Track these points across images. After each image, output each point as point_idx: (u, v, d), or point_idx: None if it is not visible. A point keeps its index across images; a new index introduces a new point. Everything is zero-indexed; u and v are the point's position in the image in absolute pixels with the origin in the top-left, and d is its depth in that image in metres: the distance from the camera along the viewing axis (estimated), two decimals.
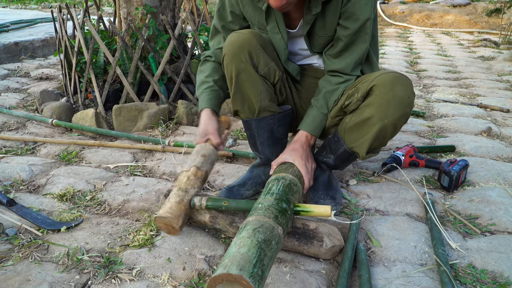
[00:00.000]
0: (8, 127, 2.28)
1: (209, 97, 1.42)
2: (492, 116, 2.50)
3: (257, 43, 1.32)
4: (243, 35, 1.32)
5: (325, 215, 1.14)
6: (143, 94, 2.44)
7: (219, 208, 1.23)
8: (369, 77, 1.30)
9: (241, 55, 1.31)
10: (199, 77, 1.48)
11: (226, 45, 1.33)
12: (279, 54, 1.42)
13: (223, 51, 1.34)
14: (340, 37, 1.33)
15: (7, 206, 1.44)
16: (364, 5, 1.27)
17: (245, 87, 1.35)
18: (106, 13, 7.58)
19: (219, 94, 1.44)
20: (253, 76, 1.34)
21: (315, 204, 1.18)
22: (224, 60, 1.35)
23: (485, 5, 7.19)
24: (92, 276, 1.13)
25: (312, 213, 1.15)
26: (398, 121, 1.27)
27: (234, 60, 1.31)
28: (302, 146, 1.38)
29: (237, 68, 1.32)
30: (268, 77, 1.38)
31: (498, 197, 1.51)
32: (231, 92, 1.39)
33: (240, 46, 1.31)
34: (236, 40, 1.31)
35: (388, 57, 4.41)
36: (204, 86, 1.44)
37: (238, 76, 1.33)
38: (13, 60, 4.04)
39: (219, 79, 1.45)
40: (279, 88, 1.43)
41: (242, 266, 0.83)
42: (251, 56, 1.32)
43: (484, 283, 1.11)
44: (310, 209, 1.16)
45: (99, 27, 2.65)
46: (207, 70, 1.46)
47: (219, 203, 1.22)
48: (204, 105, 1.41)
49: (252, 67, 1.33)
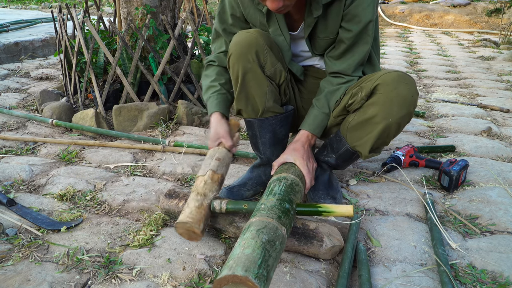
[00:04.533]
0: (8, 127, 2.28)
1: (218, 101, 1.41)
2: (492, 116, 2.50)
3: (265, 43, 1.31)
4: (250, 34, 1.31)
5: (348, 215, 1.14)
6: (143, 94, 2.44)
7: (239, 211, 1.22)
8: (373, 76, 1.30)
9: (248, 55, 1.30)
10: (204, 82, 1.48)
11: (233, 44, 1.32)
12: (283, 55, 1.42)
13: (230, 50, 1.33)
14: (342, 39, 1.33)
15: (7, 206, 1.44)
16: (366, 7, 1.27)
17: (250, 87, 1.35)
18: (106, 13, 7.57)
19: (227, 97, 1.44)
20: (259, 76, 1.33)
21: (337, 205, 1.18)
22: (230, 59, 1.33)
23: (485, 5, 7.19)
24: (92, 276, 1.13)
25: (334, 213, 1.15)
26: (402, 119, 1.27)
27: (241, 60, 1.30)
28: (303, 146, 1.38)
29: (244, 68, 1.31)
30: (274, 78, 1.37)
31: (498, 197, 1.51)
32: (236, 91, 1.38)
33: (248, 45, 1.29)
34: (244, 40, 1.30)
35: (388, 57, 4.41)
36: (212, 91, 1.43)
37: (245, 76, 1.32)
38: (13, 60, 4.04)
39: (225, 82, 1.45)
40: (284, 89, 1.43)
41: (247, 267, 0.83)
42: (258, 56, 1.31)
43: (484, 283, 1.11)
44: (332, 209, 1.15)
45: (99, 27, 2.65)
46: (213, 75, 1.46)
47: (239, 206, 1.21)
48: (213, 109, 1.40)
49: (259, 68, 1.32)
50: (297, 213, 1.17)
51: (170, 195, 1.37)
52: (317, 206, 1.17)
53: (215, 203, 1.22)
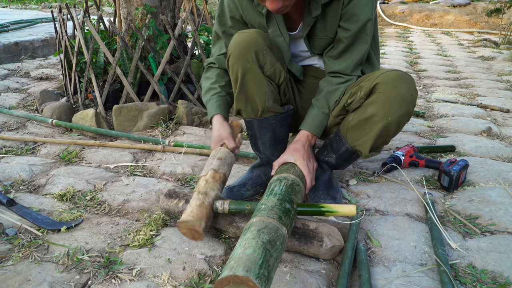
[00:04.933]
0: (8, 127, 2.28)
1: (218, 103, 1.41)
2: (492, 116, 2.50)
3: (264, 43, 1.31)
4: (250, 34, 1.30)
5: (350, 214, 1.14)
6: (143, 94, 2.44)
7: (242, 212, 1.22)
8: (372, 75, 1.30)
9: (248, 55, 1.29)
10: (205, 84, 1.48)
11: (232, 44, 1.31)
12: (282, 56, 1.42)
13: (229, 50, 1.33)
14: (341, 38, 1.33)
15: (7, 206, 1.44)
16: (364, 6, 1.27)
17: (250, 87, 1.35)
18: (106, 13, 7.57)
19: (227, 99, 1.44)
20: (259, 76, 1.33)
21: (339, 204, 1.18)
22: (229, 60, 1.33)
23: (485, 5, 7.19)
24: (92, 276, 1.13)
25: (337, 213, 1.15)
26: (401, 118, 1.27)
27: (240, 60, 1.30)
28: (303, 146, 1.38)
29: (243, 68, 1.31)
30: (273, 78, 1.37)
31: (498, 197, 1.51)
32: (235, 92, 1.38)
33: (247, 46, 1.29)
34: (243, 40, 1.30)
35: (388, 57, 4.41)
36: (212, 93, 1.43)
37: (244, 76, 1.32)
38: (13, 60, 4.04)
39: (225, 85, 1.45)
40: (283, 89, 1.43)
41: (248, 267, 0.83)
42: (258, 57, 1.31)
43: (484, 283, 1.11)
44: (335, 209, 1.15)
45: (99, 27, 2.65)
46: (213, 77, 1.46)
47: (242, 206, 1.21)
48: (214, 111, 1.40)
49: (258, 68, 1.32)
50: (299, 213, 1.17)
51: (170, 195, 1.37)
52: (320, 206, 1.17)
53: (217, 204, 1.22)
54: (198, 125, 2.33)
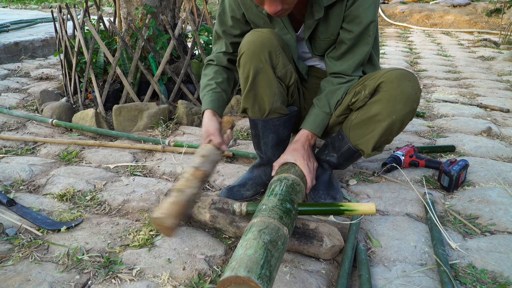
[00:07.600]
0: (8, 127, 2.28)
1: (211, 98, 1.41)
2: (492, 116, 2.50)
3: (278, 43, 1.30)
4: (264, 34, 1.29)
5: (370, 213, 1.14)
6: (143, 94, 2.44)
7: None
8: (376, 74, 1.30)
9: (261, 55, 1.29)
10: (202, 81, 1.48)
11: (246, 43, 1.30)
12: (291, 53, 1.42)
13: (242, 48, 1.31)
14: (343, 40, 1.33)
15: (7, 206, 1.44)
16: (367, 7, 1.27)
17: (260, 87, 1.34)
18: (106, 13, 7.58)
19: (221, 96, 1.43)
20: (271, 77, 1.32)
21: (358, 203, 1.18)
22: (241, 58, 1.32)
23: (485, 5, 7.19)
24: (92, 276, 1.13)
25: (357, 211, 1.15)
26: (405, 117, 1.28)
27: (253, 59, 1.29)
28: (303, 146, 1.38)
29: (256, 68, 1.30)
30: (284, 79, 1.37)
31: (498, 197, 1.51)
32: (244, 90, 1.37)
33: (261, 45, 1.28)
34: (257, 39, 1.29)
35: (388, 57, 4.41)
36: (207, 89, 1.43)
37: (256, 75, 1.31)
38: (13, 60, 4.04)
39: (222, 81, 1.45)
40: (292, 91, 1.43)
41: (250, 268, 0.83)
42: (271, 57, 1.30)
43: (484, 283, 1.11)
44: (354, 207, 1.15)
45: (99, 27, 2.65)
46: (210, 74, 1.46)
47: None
48: (205, 106, 1.40)
49: (271, 68, 1.31)
50: (317, 212, 1.18)
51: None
52: (339, 205, 1.17)
53: (235, 206, 1.23)
54: (198, 125, 2.33)
